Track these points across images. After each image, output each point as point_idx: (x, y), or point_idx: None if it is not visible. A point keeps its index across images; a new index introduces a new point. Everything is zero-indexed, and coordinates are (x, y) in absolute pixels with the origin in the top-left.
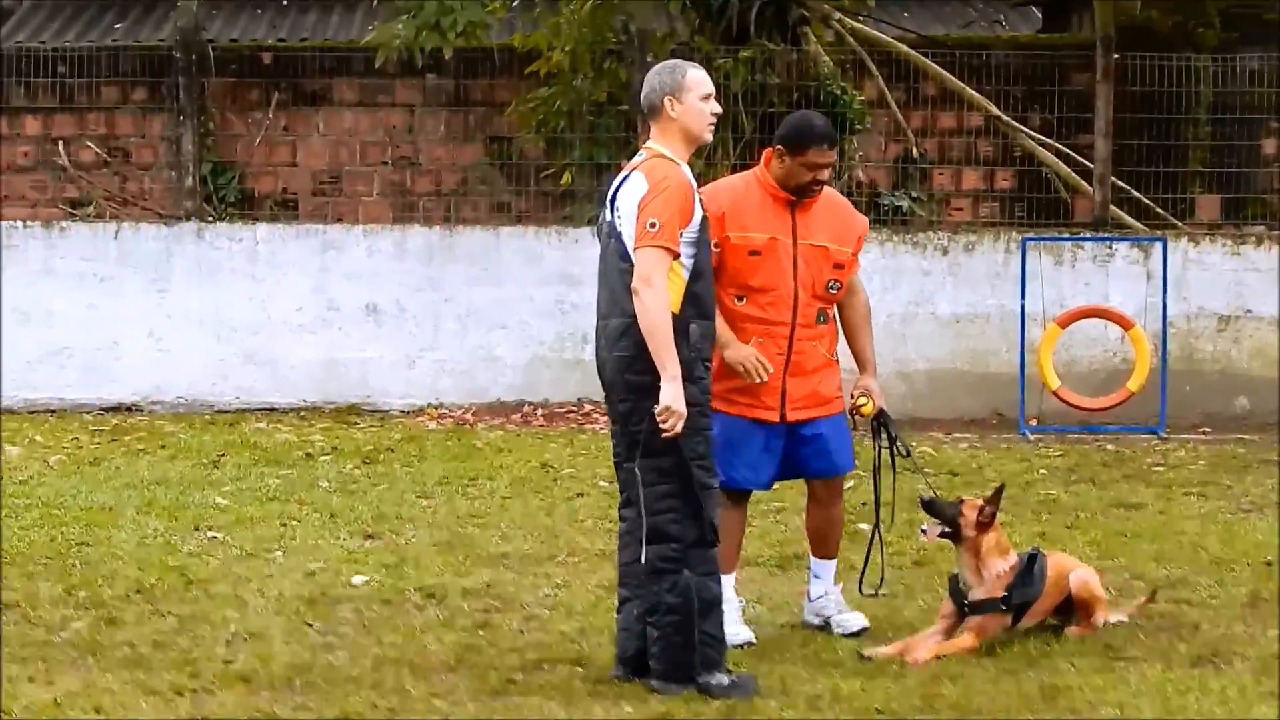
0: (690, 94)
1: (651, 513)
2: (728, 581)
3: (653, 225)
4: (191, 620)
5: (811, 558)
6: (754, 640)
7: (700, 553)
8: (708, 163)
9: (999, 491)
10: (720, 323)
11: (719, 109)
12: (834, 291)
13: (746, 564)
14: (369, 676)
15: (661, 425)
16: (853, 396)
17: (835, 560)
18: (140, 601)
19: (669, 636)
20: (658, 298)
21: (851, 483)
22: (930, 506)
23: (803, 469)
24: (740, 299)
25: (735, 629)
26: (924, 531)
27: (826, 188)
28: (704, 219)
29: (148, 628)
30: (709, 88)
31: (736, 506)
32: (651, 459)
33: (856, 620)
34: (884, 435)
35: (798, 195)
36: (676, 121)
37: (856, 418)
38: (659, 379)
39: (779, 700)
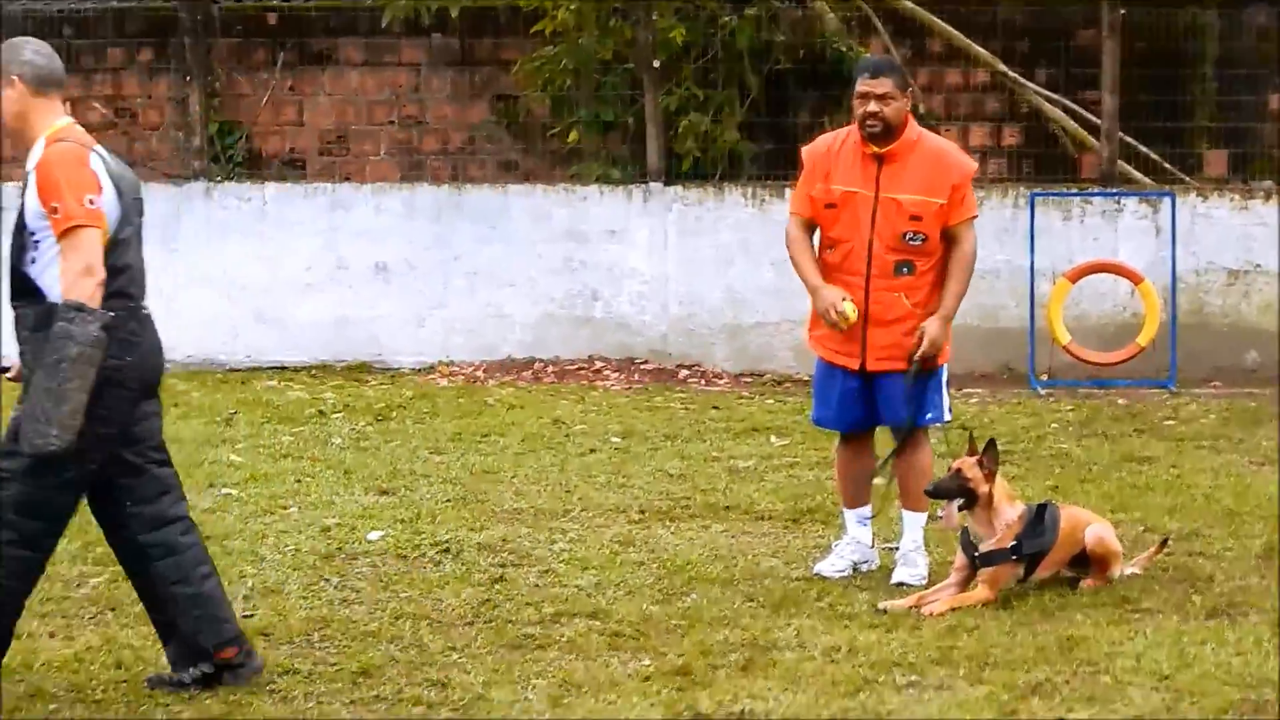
0: None
1: None
2: (847, 516)
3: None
4: None
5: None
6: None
7: None
8: (714, 119)
9: (991, 443)
10: (812, 268)
11: None
12: (915, 243)
13: (761, 518)
14: (387, 630)
15: None
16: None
17: (922, 514)
18: None
19: None
20: None
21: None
22: (936, 493)
23: (878, 418)
24: (829, 249)
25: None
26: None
27: (931, 137)
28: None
29: None
30: None
31: (844, 444)
32: None
33: (904, 573)
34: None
35: (867, 138)
36: None
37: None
38: None
39: (796, 653)
